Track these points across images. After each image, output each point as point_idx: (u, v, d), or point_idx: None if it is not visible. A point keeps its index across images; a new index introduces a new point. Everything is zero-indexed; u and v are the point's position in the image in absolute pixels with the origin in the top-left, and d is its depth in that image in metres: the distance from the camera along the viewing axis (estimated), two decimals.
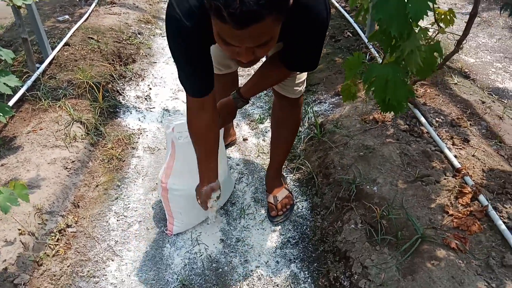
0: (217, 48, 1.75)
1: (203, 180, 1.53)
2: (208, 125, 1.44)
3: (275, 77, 1.53)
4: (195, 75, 1.32)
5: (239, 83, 1.91)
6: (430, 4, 1.22)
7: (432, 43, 1.51)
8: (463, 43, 1.74)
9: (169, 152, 1.75)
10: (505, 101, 2.54)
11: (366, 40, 2.78)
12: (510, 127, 2.09)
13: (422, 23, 1.40)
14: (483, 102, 2.26)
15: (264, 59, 1.53)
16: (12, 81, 1.96)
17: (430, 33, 1.51)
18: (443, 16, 1.70)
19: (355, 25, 2.94)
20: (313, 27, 1.23)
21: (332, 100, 2.38)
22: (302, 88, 1.68)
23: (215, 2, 0.89)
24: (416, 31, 1.33)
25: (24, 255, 1.55)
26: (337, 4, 3.37)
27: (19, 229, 1.60)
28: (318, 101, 2.42)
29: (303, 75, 1.66)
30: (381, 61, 1.54)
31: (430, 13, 1.26)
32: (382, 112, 1.55)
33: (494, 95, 2.53)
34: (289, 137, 1.83)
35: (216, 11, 0.91)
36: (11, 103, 2.21)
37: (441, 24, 1.72)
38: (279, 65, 1.44)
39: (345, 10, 3.23)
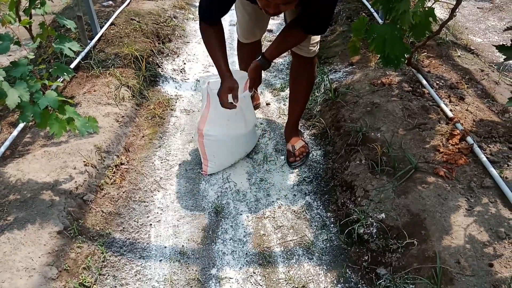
0: (244, 20, 2.12)
1: (223, 74, 1.84)
2: (216, 30, 1.81)
3: (293, 40, 1.87)
4: (212, 7, 1.74)
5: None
6: None
7: (426, 9, 1.80)
8: (456, 11, 2.00)
9: (205, 103, 2.10)
10: (507, 74, 2.78)
11: (380, 20, 3.06)
12: (504, 90, 2.35)
13: None
14: (482, 71, 2.52)
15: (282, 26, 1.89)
16: (75, 46, 2.31)
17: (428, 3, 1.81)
18: None
19: (369, 6, 3.22)
20: None
21: (346, 69, 2.69)
22: (316, 48, 2.01)
23: None
24: None
25: (89, 181, 1.93)
26: None
27: (84, 161, 1.98)
28: (334, 70, 2.73)
29: (317, 37, 1.99)
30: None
31: None
32: (383, 66, 1.85)
33: (494, 67, 2.78)
34: (305, 92, 2.16)
35: None
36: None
37: None
38: (296, 29, 1.79)
39: None
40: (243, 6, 2.07)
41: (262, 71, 2.03)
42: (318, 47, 2.05)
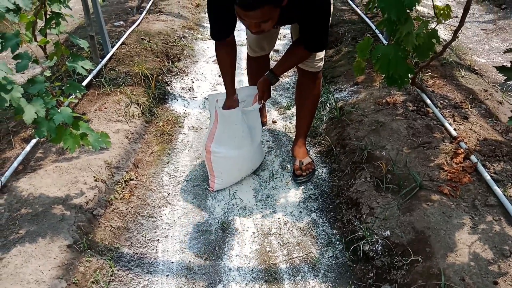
0: (251, 34, 2.21)
1: (229, 92, 2.07)
2: (228, 51, 1.99)
3: (297, 57, 1.98)
4: (219, 26, 1.89)
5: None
6: None
7: (430, 30, 1.86)
8: (459, 32, 2.05)
9: (212, 120, 2.15)
10: (510, 94, 2.82)
11: (384, 41, 3.12)
12: (507, 110, 2.38)
13: (425, 17, 1.75)
14: (486, 91, 2.56)
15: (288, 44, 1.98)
16: (87, 65, 2.39)
17: (431, 25, 1.87)
18: (441, 11, 2.04)
19: (374, 28, 3.30)
20: (315, 12, 1.68)
21: (351, 89, 2.73)
22: (320, 64, 2.11)
23: None
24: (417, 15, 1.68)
25: (99, 196, 1.97)
26: (359, 11, 3.74)
27: (94, 177, 2.02)
28: (339, 89, 2.78)
29: (321, 54, 2.08)
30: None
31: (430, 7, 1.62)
32: (388, 86, 1.90)
33: (498, 87, 2.82)
34: (311, 107, 2.23)
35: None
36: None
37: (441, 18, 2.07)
38: (299, 47, 1.91)
39: (366, 16, 3.59)
40: None
41: (271, 87, 2.11)
42: (323, 63, 2.14)
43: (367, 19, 3.46)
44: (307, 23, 1.75)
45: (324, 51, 2.11)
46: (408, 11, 1.63)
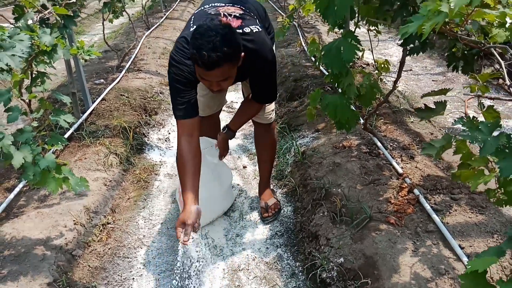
0: (201, 96, 2.45)
1: (187, 199, 1.77)
2: (195, 149, 1.84)
3: (250, 110, 2.18)
4: (183, 103, 1.82)
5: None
6: (358, 52, 1.88)
7: (372, 82, 2.17)
8: (397, 83, 2.37)
9: None
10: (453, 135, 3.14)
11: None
12: (450, 150, 2.67)
13: (368, 69, 2.06)
14: (432, 133, 2.87)
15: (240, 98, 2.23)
16: (69, 119, 2.60)
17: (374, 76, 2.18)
18: (382, 65, 2.38)
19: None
20: (263, 67, 1.91)
21: (313, 135, 3.01)
22: (271, 116, 2.35)
23: (194, 55, 1.59)
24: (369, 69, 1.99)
25: (78, 238, 2.11)
26: (321, 67, 4.11)
27: (73, 220, 2.17)
28: (302, 136, 3.05)
29: (271, 106, 2.31)
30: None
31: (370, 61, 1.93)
32: (337, 130, 2.17)
33: (443, 130, 3.14)
34: (269, 153, 2.46)
35: (195, 60, 1.62)
36: None
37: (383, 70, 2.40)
38: (252, 101, 2.12)
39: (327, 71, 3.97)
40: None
41: (233, 139, 2.33)
42: (274, 115, 2.39)
43: (327, 73, 3.82)
44: (257, 77, 1.98)
45: (273, 103, 2.34)
46: (348, 66, 1.94)
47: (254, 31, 1.85)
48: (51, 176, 1.72)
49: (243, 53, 1.72)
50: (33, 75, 2.36)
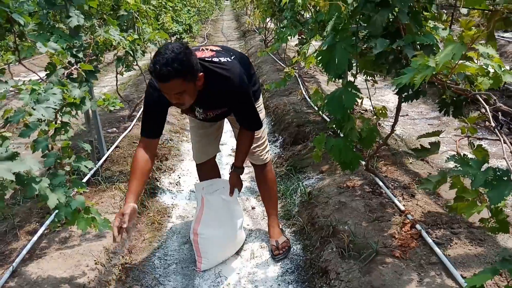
0: (196, 141, 2.62)
1: (128, 198, 1.98)
2: (146, 160, 2.06)
3: (245, 140, 2.30)
4: (149, 123, 2.12)
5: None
6: (357, 99, 2.09)
7: (371, 126, 2.36)
8: (395, 127, 2.57)
9: (199, 206, 2.48)
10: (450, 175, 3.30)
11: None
12: (446, 187, 2.82)
13: (366, 115, 2.26)
14: (430, 173, 3.03)
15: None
16: (89, 164, 2.78)
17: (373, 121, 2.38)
18: (380, 111, 2.59)
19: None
20: (233, 93, 2.07)
21: (317, 176, 3.17)
22: (265, 156, 2.55)
23: (150, 68, 1.80)
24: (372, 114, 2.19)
25: (99, 277, 2.21)
26: (321, 113, 4.35)
27: (94, 260, 2.28)
28: (307, 177, 3.22)
29: (264, 148, 2.51)
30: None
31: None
32: (341, 171, 2.34)
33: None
34: (271, 191, 2.62)
35: (151, 73, 1.82)
36: None
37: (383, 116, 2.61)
38: (242, 131, 2.28)
39: (328, 117, 4.20)
40: (193, 124, 2.60)
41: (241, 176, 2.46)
42: (269, 155, 2.59)
43: (328, 119, 4.05)
44: (236, 105, 2.15)
45: (266, 145, 2.53)
46: (349, 112, 2.15)
47: (224, 60, 2.09)
48: (81, 216, 1.86)
49: (202, 74, 1.92)
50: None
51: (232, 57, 2.18)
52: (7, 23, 2.32)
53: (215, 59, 2.09)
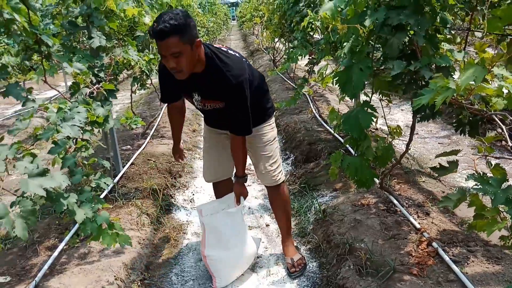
0: (206, 159, 2.71)
1: (175, 143, 2.81)
2: (177, 118, 2.64)
3: (235, 146, 2.31)
4: (162, 91, 2.43)
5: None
6: (373, 118, 2.15)
7: (386, 145, 2.41)
8: (410, 146, 2.61)
9: (202, 229, 2.48)
10: None
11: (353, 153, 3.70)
12: (463, 206, 2.84)
13: (379, 133, 2.31)
14: (443, 192, 3.06)
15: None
16: (108, 181, 2.84)
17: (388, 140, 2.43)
18: (394, 130, 2.64)
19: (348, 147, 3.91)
20: (229, 86, 2.08)
21: (331, 194, 3.21)
22: (279, 177, 2.54)
23: (149, 28, 1.89)
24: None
25: None
26: (332, 131, 4.40)
27: (114, 276, 2.31)
28: (321, 195, 3.25)
29: (276, 169, 2.51)
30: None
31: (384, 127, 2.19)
32: (357, 188, 2.37)
33: (454, 189, 3.33)
34: (283, 212, 2.62)
35: (149, 33, 1.90)
36: None
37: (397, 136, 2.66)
38: (231, 138, 2.29)
39: (339, 135, 4.25)
40: (207, 144, 2.68)
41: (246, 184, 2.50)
42: (282, 176, 2.57)
43: (339, 137, 4.10)
44: (229, 103, 2.15)
45: (279, 165, 2.53)
46: (365, 131, 2.20)
47: (232, 52, 2.23)
48: (106, 232, 1.91)
49: (199, 40, 1.99)
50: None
51: (243, 59, 2.29)
52: (35, 44, 2.41)
53: (224, 48, 2.22)
